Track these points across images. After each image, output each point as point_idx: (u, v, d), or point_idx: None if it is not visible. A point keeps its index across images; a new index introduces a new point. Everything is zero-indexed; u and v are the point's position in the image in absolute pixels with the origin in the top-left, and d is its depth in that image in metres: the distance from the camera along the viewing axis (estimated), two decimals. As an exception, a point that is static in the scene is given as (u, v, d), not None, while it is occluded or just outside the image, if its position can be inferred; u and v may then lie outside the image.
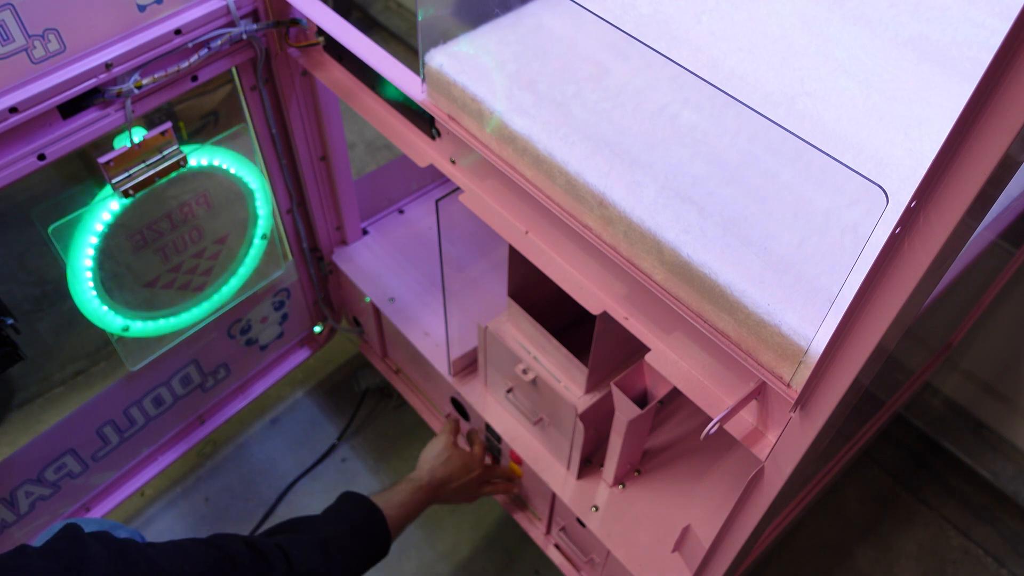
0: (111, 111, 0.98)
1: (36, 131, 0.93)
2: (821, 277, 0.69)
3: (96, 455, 1.33)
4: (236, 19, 1.04)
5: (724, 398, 0.77)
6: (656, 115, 0.82)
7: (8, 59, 0.87)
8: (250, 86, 1.15)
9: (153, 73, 0.99)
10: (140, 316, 1.21)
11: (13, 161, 0.92)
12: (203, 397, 1.47)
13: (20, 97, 0.89)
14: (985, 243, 1.20)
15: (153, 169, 1.04)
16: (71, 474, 1.30)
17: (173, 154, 1.06)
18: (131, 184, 1.03)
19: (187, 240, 1.21)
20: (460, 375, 1.30)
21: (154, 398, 1.37)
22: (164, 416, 1.41)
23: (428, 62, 0.91)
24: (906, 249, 0.50)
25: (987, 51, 0.92)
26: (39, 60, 0.90)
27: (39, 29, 0.88)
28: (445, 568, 1.52)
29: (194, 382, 1.42)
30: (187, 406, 1.45)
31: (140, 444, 1.41)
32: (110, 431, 1.33)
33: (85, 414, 1.27)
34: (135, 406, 1.34)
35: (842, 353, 0.59)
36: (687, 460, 1.18)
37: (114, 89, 0.96)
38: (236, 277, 1.31)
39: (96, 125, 0.98)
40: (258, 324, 1.46)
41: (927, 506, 1.63)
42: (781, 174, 0.75)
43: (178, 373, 1.38)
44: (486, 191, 0.94)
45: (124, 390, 1.30)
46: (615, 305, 0.84)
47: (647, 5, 0.97)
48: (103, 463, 1.35)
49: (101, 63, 0.94)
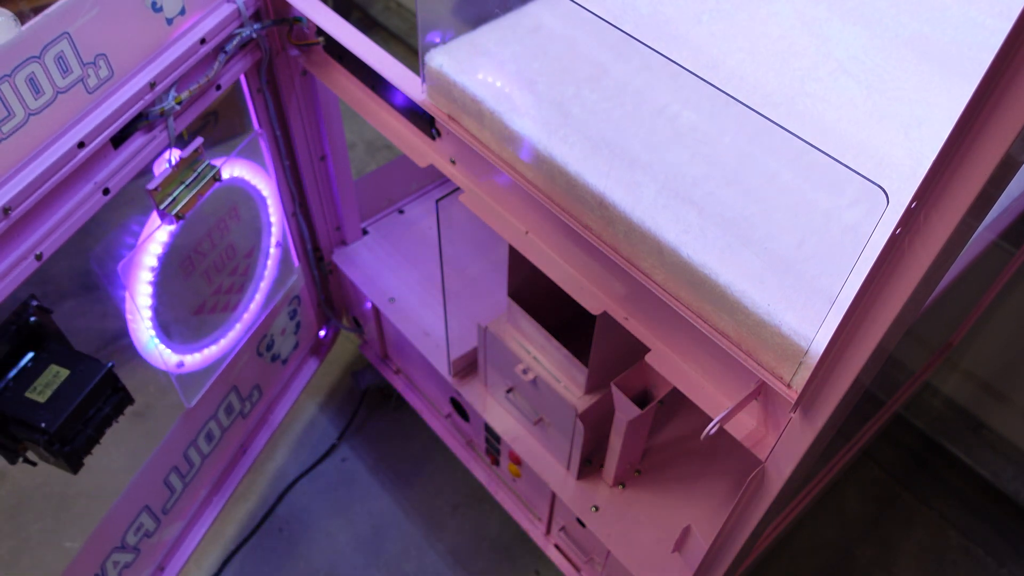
0: (155, 133, 0.94)
1: (97, 165, 0.88)
2: (821, 277, 0.69)
3: (165, 507, 1.25)
4: (245, 20, 1.03)
5: (724, 398, 0.77)
6: (656, 115, 0.82)
7: (68, 92, 0.82)
8: (256, 89, 1.14)
9: (188, 87, 0.96)
10: (190, 348, 1.16)
11: (84, 199, 0.86)
12: (243, 424, 1.41)
13: (85, 130, 0.84)
14: (985, 243, 1.20)
15: (194, 189, 1.00)
16: (147, 533, 1.23)
17: (206, 170, 1.02)
18: (179, 207, 0.98)
19: (224, 258, 1.16)
20: (460, 375, 1.30)
21: (206, 434, 1.30)
22: (215, 453, 1.34)
23: (428, 62, 0.91)
24: (906, 250, 0.50)
25: (987, 51, 0.92)
26: (93, 89, 0.85)
27: (91, 56, 0.83)
28: (445, 568, 1.52)
29: (236, 410, 1.36)
30: (232, 437, 1.38)
31: (198, 487, 1.33)
32: (175, 479, 1.25)
33: (154, 464, 1.19)
34: (192, 446, 1.27)
35: (842, 354, 0.59)
36: (687, 460, 1.18)
37: (156, 109, 0.92)
38: (260, 291, 1.28)
39: (146, 150, 0.93)
40: (279, 337, 1.42)
41: (927, 506, 1.63)
42: (781, 174, 0.75)
43: (222, 403, 1.31)
44: (486, 191, 0.94)
45: (182, 431, 1.23)
46: (615, 305, 0.84)
47: (647, 5, 0.97)
48: (171, 515, 1.28)
49: (146, 83, 0.90)
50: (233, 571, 1.51)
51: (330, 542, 1.55)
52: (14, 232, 0.80)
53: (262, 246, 1.26)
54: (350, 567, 1.51)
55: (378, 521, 1.57)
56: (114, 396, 0.92)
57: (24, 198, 0.79)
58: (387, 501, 1.60)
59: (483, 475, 1.42)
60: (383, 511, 1.58)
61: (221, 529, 1.55)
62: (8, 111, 0.76)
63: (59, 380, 0.88)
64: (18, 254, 0.81)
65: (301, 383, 1.55)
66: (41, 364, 0.89)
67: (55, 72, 0.80)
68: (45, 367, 0.89)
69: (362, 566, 1.52)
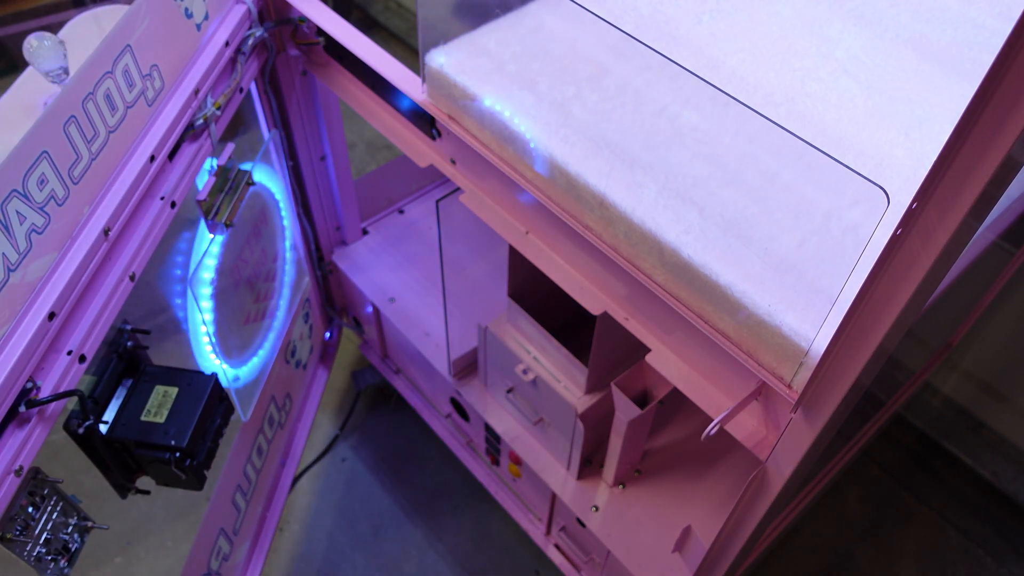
0: (201, 142, 0.93)
1: (160, 178, 0.86)
2: (822, 278, 0.69)
3: (235, 528, 1.23)
4: (256, 21, 1.02)
5: (725, 399, 0.77)
6: (656, 116, 0.82)
7: (135, 106, 0.81)
8: (262, 90, 1.14)
9: (222, 91, 0.95)
10: (239, 361, 1.14)
11: (159, 214, 0.85)
12: (282, 436, 1.39)
13: (152, 143, 0.83)
14: (986, 243, 1.20)
15: (234, 195, 0.99)
16: (225, 557, 1.21)
17: (239, 176, 1.00)
18: (226, 216, 0.96)
19: (260, 265, 1.15)
20: (460, 375, 1.30)
21: (257, 449, 1.28)
22: (264, 468, 1.32)
23: (428, 62, 0.91)
24: (907, 250, 0.50)
25: (988, 52, 0.93)
26: (152, 101, 0.84)
27: (147, 68, 0.82)
28: (445, 568, 1.52)
29: (276, 421, 1.35)
30: (275, 449, 1.36)
31: (256, 505, 1.31)
32: (239, 498, 1.23)
33: (223, 485, 1.17)
34: (248, 463, 1.25)
35: (843, 354, 0.59)
36: (687, 460, 1.18)
37: (200, 116, 0.91)
38: (283, 297, 1.27)
39: (197, 159, 0.92)
40: (299, 342, 1.41)
41: (927, 506, 1.63)
42: (782, 175, 0.75)
43: (265, 415, 1.29)
44: (486, 191, 0.94)
45: (241, 447, 1.22)
46: (615, 305, 0.84)
47: (647, 6, 0.97)
48: (241, 535, 1.26)
49: (191, 91, 0.89)
50: (233, 571, 1.51)
51: (330, 542, 1.54)
52: (113, 253, 0.79)
53: (278, 250, 1.26)
54: (350, 567, 1.51)
55: (378, 521, 1.57)
56: (221, 405, 0.92)
57: (116, 217, 0.78)
58: (387, 501, 1.60)
59: (483, 475, 1.42)
60: (383, 511, 1.58)
61: (221, 529, 1.55)
62: (94, 130, 0.75)
63: (171, 398, 0.87)
64: (116, 275, 0.79)
65: (319, 388, 1.54)
66: (144, 387, 0.88)
67: (123, 86, 0.79)
68: (150, 389, 0.87)
69: (362, 566, 1.52)
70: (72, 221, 0.74)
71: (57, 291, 0.70)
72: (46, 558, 0.74)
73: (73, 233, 0.74)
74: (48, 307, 0.69)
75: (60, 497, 0.76)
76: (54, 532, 0.75)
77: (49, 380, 0.71)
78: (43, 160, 0.68)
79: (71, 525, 0.77)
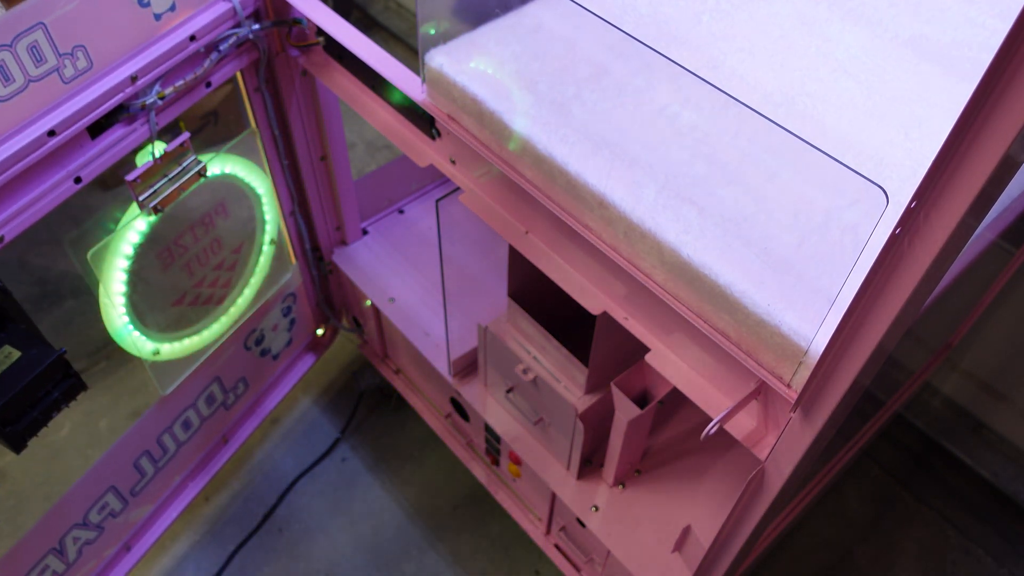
0: (136, 126, 0.96)
1: (70, 154, 0.90)
2: (821, 277, 0.69)
3: (135, 489, 1.29)
4: (242, 20, 1.03)
5: (724, 398, 0.77)
6: (656, 115, 0.82)
7: (41, 81, 0.83)
8: (253, 88, 1.14)
9: (173, 82, 0.97)
10: (168, 338, 1.17)
11: (54, 186, 0.89)
12: (226, 415, 1.43)
13: (57, 119, 0.85)
14: (985, 243, 1.20)
15: (176, 183, 1.01)
16: (113, 513, 1.25)
17: (192, 165, 1.03)
18: (158, 200, 1.00)
19: (209, 253, 1.18)
20: (460, 375, 1.30)
21: (183, 422, 1.32)
22: (192, 440, 1.37)
23: (428, 62, 0.91)
24: (906, 250, 0.50)
25: (987, 51, 0.93)
26: (69, 79, 0.87)
27: (68, 47, 0.85)
28: (445, 568, 1.52)
29: (217, 400, 1.39)
30: (212, 427, 1.41)
31: (172, 473, 1.37)
32: (146, 462, 1.28)
33: (124, 447, 1.22)
34: (167, 432, 1.30)
35: (842, 354, 0.59)
36: (687, 460, 1.18)
37: (138, 103, 0.93)
38: (250, 287, 1.29)
39: (124, 142, 0.95)
40: (270, 333, 1.44)
41: (927, 506, 1.63)
42: (781, 174, 0.75)
43: (203, 393, 1.34)
44: (486, 191, 0.94)
45: (156, 417, 1.26)
46: (615, 305, 0.84)
47: (646, 5, 0.97)
48: (141, 497, 1.31)
49: (127, 77, 0.91)
50: (233, 571, 1.51)
51: (330, 542, 1.55)
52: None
53: (255, 242, 1.27)
54: (350, 567, 1.51)
55: (378, 521, 1.57)
56: (64, 382, 0.93)
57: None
58: (387, 501, 1.60)
59: (483, 475, 1.42)
60: (383, 511, 1.59)
61: (221, 529, 1.55)
62: None
63: (9, 361, 0.89)
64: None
65: (294, 379, 1.56)
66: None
67: (28, 61, 0.81)
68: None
69: (362, 566, 1.52)
70: None
71: None
72: None
73: None
74: None
75: None
76: None
77: None
78: None
79: None
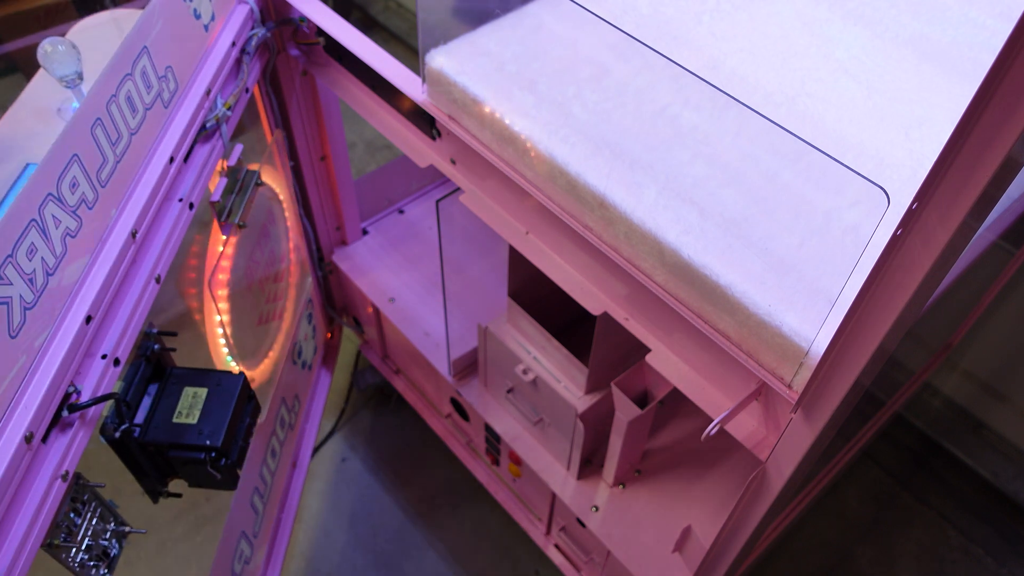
0: (212, 142, 0.91)
1: (178, 180, 0.85)
2: (822, 278, 0.69)
3: (255, 531, 1.21)
4: (258, 20, 1.02)
5: (725, 399, 0.77)
6: (657, 116, 0.82)
7: (153, 108, 0.80)
8: (264, 91, 1.13)
9: (231, 91, 0.94)
10: (253, 363, 1.13)
11: (179, 216, 0.84)
12: (292, 437, 1.37)
13: (171, 145, 0.82)
14: (986, 244, 1.20)
15: (244, 195, 0.97)
16: (246, 560, 1.18)
17: (248, 176, 0.99)
18: (238, 216, 0.95)
19: (270, 265, 1.14)
20: (460, 375, 1.30)
21: (271, 451, 1.26)
22: (279, 469, 1.31)
23: (428, 62, 0.91)
24: (907, 250, 0.50)
25: (988, 52, 0.93)
26: (168, 102, 0.83)
27: (162, 69, 0.81)
28: (445, 568, 1.52)
29: (287, 422, 1.33)
30: (286, 451, 1.34)
31: (272, 507, 1.29)
32: (257, 500, 1.21)
33: (243, 489, 1.14)
34: (264, 465, 1.23)
35: (843, 354, 0.59)
36: (687, 460, 1.18)
37: (212, 117, 0.90)
38: (290, 298, 1.26)
39: (211, 160, 0.91)
40: (304, 343, 1.39)
41: (927, 506, 1.63)
42: (782, 175, 0.75)
43: (277, 417, 1.27)
44: (486, 191, 0.94)
45: (257, 447, 1.19)
46: (615, 306, 0.84)
47: (647, 6, 0.96)
48: (260, 538, 1.24)
49: (203, 92, 0.88)
50: (233, 571, 1.51)
51: (330, 542, 1.54)
52: (140, 256, 0.79)
53: (284, 250, 1.25)
54: (350, 567, 1.51)
55: (378, 521, 1.57)
56: (249, 404, 0.91)
57: (142, 220, 0.77)
58: (387, 501, 1.60)
59: (483, 475, 1.42)
60: (383, 511, 1.58)
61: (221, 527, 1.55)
62: (118, 133, 0.74)
63: (201, 399, 0.86)
64: (144, 278, 0.78)
65: (324, 389, 1.54)
66: (173, 389, 0.87)
67: (142, 88, 0.78)
68: (179, 391, 0.86)
69: (362, 566, 1.52)
70: (101, 224, 0.74)
71: (92, 294, 0.70)
72: (88, 564, 0.74)
73: (103, 236, 0.74)
74: (85, 310, 0.69)
75: (99, 502, 0.75)
76: (95, 538, 0.74)
77: (87, 384, 0.70)
78: (74, 163, 0.68)
79: (109, 531, 0.77)
